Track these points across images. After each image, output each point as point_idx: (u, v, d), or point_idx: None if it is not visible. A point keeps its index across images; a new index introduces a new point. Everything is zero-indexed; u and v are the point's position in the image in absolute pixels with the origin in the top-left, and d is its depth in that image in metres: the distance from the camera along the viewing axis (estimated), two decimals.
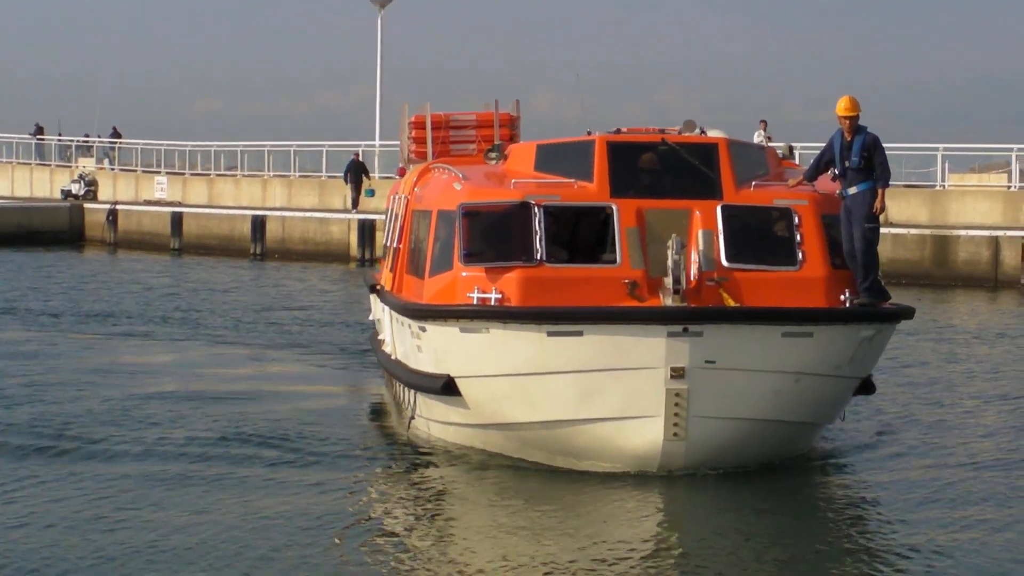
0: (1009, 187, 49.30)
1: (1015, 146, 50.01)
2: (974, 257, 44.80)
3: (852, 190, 16.97)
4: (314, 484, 16.49)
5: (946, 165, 50.45)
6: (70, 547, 13.75)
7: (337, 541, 14.19)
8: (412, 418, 19.46)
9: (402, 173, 23.96)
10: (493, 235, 17.19)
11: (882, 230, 17.32)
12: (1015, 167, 49.41)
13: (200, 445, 18.70)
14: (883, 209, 17.14)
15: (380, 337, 22.53)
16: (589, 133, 18.24)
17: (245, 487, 16.30)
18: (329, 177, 64.06)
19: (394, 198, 23.23)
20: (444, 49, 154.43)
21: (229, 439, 19.46)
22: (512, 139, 22.11)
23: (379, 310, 22.42)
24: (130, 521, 14.75)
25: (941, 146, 50.43)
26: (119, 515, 15.04)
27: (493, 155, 19.80)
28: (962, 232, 45.43)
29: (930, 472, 17.67)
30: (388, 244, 22.58)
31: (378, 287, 22.51)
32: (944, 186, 50.10)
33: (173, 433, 19.99)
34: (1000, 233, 45.59)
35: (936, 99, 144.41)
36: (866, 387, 17.55)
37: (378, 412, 22.28)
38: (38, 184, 76.68)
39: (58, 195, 73.21)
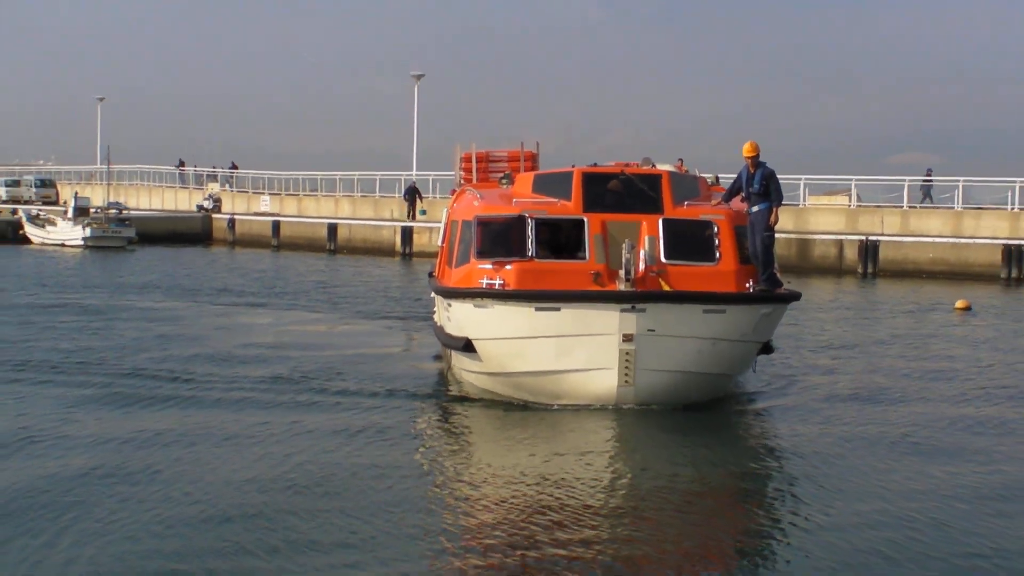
0: (849, 206, 53.28)
1: (854, 178, 53.81)
2: (826, 253, 48.70)
3: (755, 209, 17.84)
4: (378, 409, 17.45)
5: (806, 190, 54.04)
6: (193, 456, 14.12)
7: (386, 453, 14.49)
8: (450, 367, 20.36)
9: (453, 194, 24.13)
10: (498, 239, 17.88)
11: (770, 237, 17.91)
12: (853, 192, 52.94)
13: (289, 381, 19.53)
14: (776, 222, 17.97)
15: (433, 310, 23.02)
16: (573, 166, 18.95)
17: (331, 410, 17.19)
18: (381, 196, 70.54)
19: (444, 211, 23.35)
20: (463, 106, 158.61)
21: (314, 377, 20.01)
22: (533, 170, 22.22)
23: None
24: (226, 432, 15.47)
25: (804, 177, 53.48)
26: (223, 430, 15.66)
27: (504, 181, 20.93)
28: (818, 236, 49.79)
29: (818, 404, 18.43)
30: (439, 244, 22.83)
31: (432, 274, 22.90)
32: (805, 205, 53.62)
33: (272, 371, 20.62)
34: (843, 237, 50.23)
35: (801, 142, 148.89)
36: (767, 349, 18.58)
37: (432, 362, 22.60)
38: (180, 202, 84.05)
39: (194, 209, 78.02)
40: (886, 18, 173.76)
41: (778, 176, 18.15)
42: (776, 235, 18.23)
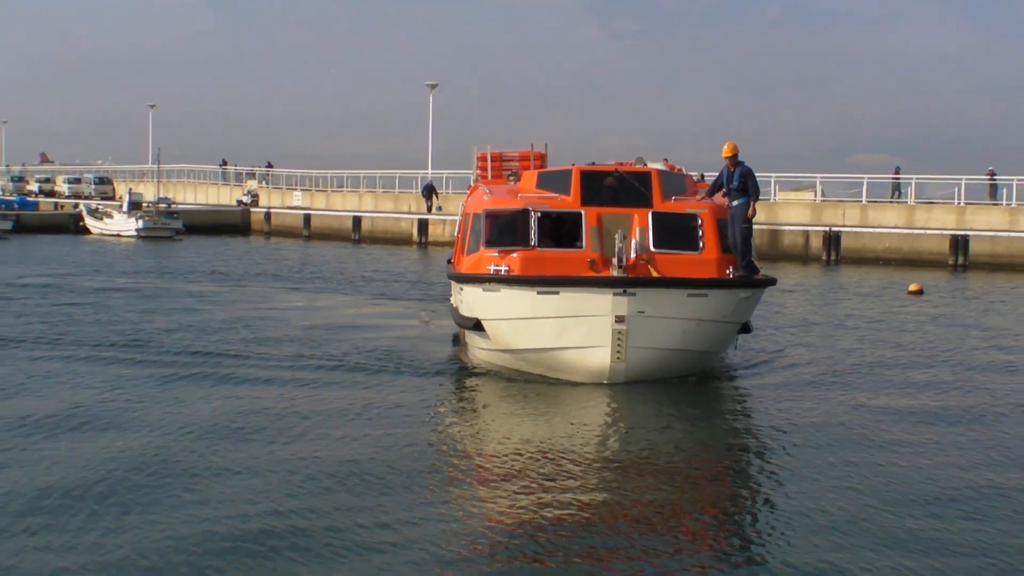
0: (815, 200, 53.30)
1: (818, 176, 54.03)
2: (794, 242, 48.62)
3: (734, 203, 17.75)
4: (401, 381, 17.36)
5: (776, 187, 54.05)
6: (232, 426, 13.96)
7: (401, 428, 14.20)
8: (464, 345, 20.24)
9: (470, 189, 24.01)
10: (505, 229, 17.72)
11: (748, 228, 17.89)
12: (818, 188, 52.92)
13: (319, 358, 19.20)
14: (754, 215, 17.90)
15: (450, 293, 22.76)
16: (577, 165, 18.72)
17: (355, 385, 16.92)
18: (400, 192, 70.69)
19: (460, 205, 23.14)
20: (473, 113, 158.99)
21: (343, 352, 19.92)
22: (542, 168, 21.39)
23: None
24: (258, 402, 15.34)
25: (774, 175, 53.26)
26: (256, 402, 15.50)
27: (512, 178, 20.95)
28: (786, 227, 49.80)
29: (793, 378, 18.34)
30: (455, 235, 22.72)
31: (449, 261, 22.58)
32: (775, 199, 53.51)
33: (304, 348, 20.49)
34: (809, 228, 50.46)
35: (771, 145, 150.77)
36: (746, 329, 18.41)
37: (449, 340, 22.24)
38: (222, 197, 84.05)
39: (235, 203, 78.05)
40: (843, 35, 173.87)
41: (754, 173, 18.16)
42: (753, 227, 18.17)
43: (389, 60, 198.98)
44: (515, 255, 17.13)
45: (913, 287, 34.58)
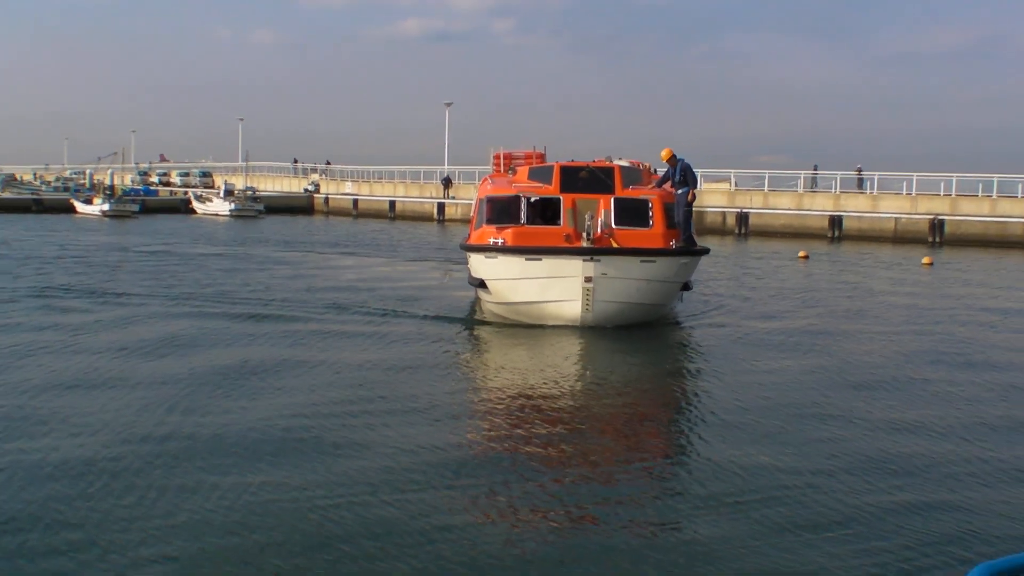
0: (730, 189, 52.37)
1: (732, 171, 53.12)
2: (714, 220, 47.63)
3: (679, 192, 17.37)
4: (422, 327, 16.63)
5: (701, 179, 52.55)
6: (283, 367, 13.17)
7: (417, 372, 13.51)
8: (476, 299, 19.44)
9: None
10: (502, 211, 17.33)
11: (688, 210, 17.38)
12: (732, 180, 52.02)
13: (356, 310, 18.32)
14: (694, 199, 17.48)
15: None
16: (558, 162, 18.36)
17: (384, 338, 15.44)
18: (424, 183, 69.58)
19: (475, 192, 21.99)
20: (479, 123, 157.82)
21: (384, 301, 19.42)
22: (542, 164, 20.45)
23: None
24: (291, 350, 14.12)
25: (700, 170, 50.52)
26: (312, 334, 15.11)
27: (510, 173, 20.09)
28: (709, 209, 49.25)
29: (723, 320, 18.12)
30: (471, 216, 21.31)
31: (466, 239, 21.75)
32: (701, 188, 51.57)
33: (358, 297, 20.07)
34: (725, 210, 49.46)
35: (697, 145, 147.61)
36: (687, 287, 17.99)
37: (465, 295, 21.03)
38: (293, 186, 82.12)
39: (302, 191, 76.73)
40: (752, 69, 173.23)
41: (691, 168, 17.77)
42: (693, 209, 17.75)
43: (417, 86, 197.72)
44: (509, 230, 16.78)
45: (802, 254, 34.36)
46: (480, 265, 17.17)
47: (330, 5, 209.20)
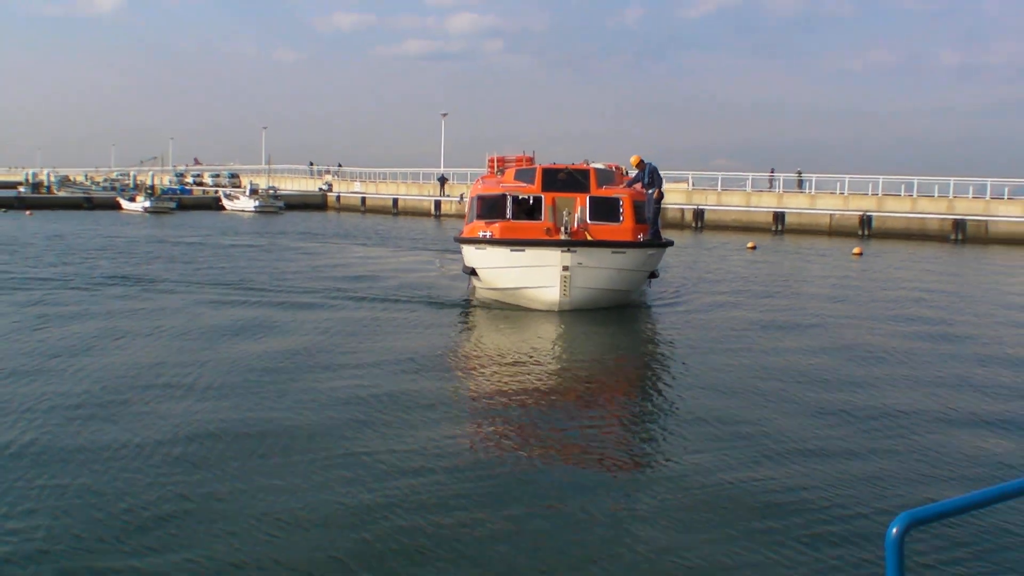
0: (688, 189, 51.56)
1: (690, 172, 52.36)
2: (675, 216, 46.84)
3: (649, 191, 17.03)
4: (421, 312, 15.94)
5: (663, 179, 52.53)
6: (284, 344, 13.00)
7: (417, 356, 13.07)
8: (470, 286, 18.95)
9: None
10: (490, 207, 16.92)
11: (656, 208, 17.04)
12: (690, 180, 51.25)
13: (359, 294, 17.77)
14: (662, 198, 17.24)
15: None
16: (540, 165, 17.96)
17: (390, 319, 15.02)
18: (423, 182, 67.59)
19: (467, 191, 21.52)
20: (473, 131, 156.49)
21: (384, 287, 19.02)
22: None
23: None
24: (290, 324, 14.03)
25: (662, 172, 51.68)
26: (336, 317, 14.67)
27: (499, 174, 19.62)
28: (670, 206, 46.74)
29: (685, 304, 17.53)
30: (465, 212, 20.93)
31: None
32: (664, 188, 52.35)
33: (354, 284, 19.50)
34: (684, 207, 48.34)
35: (661, 151, 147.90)
36: (654, 275, 17.45)
37: (461, 281, 20.62)
38: (309, 185, 79.66)
39: (317, 189, 74.57)
40: (708, 86, 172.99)
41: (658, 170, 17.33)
42: (661, 206, 17.36)
43: (417, 98, 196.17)
44: (496, 225, 16.38)
45: (750, 244, 34.15)
46: (472, 255, 16.75)
47: (343, 27, 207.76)
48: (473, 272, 16.88)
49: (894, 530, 1.86)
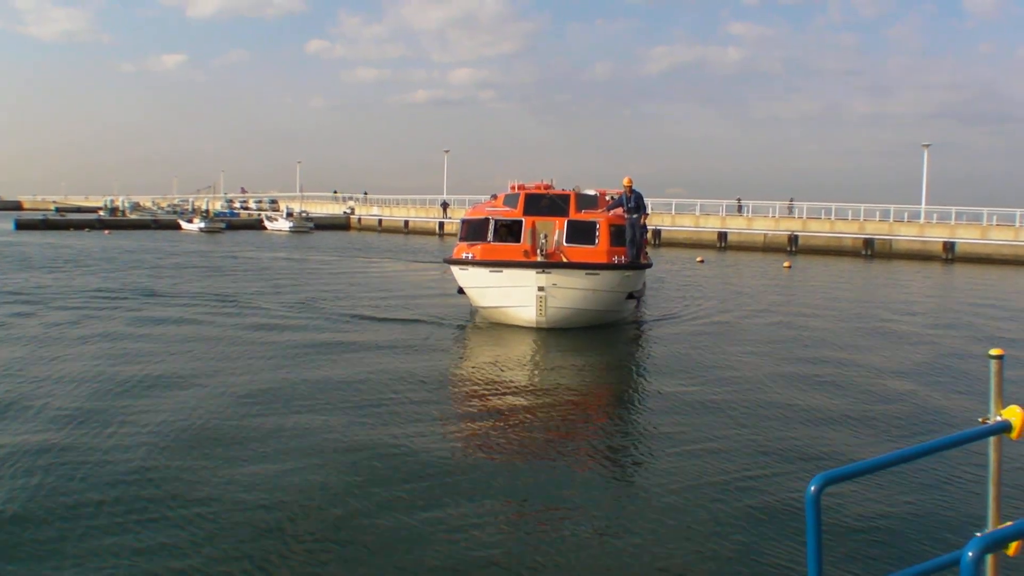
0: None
1: (649, 200, 49.86)
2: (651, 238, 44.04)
3: (633, 216, 15.27)
4: (416, 327, 14.35)
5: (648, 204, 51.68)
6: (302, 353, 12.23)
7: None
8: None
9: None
10: (474, 230, 15.35)
11: (642, 231, 15.37)
12: (649, 205, 47.91)
13: (365, 307, 16.47)
14: (646, 221, 15.73)
15: None
16: (525, 190, 16.24)
17: (392, 334, 13.53)
18: (430, 206, 66.26)
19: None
20: (471, 164, 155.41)
21: (390, 298, 18.19)
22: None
23: None
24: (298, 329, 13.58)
25: (649, 200, 50.61)
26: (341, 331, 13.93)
27: (492, 199, 17.74)
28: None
29: (678, 328, 14.88)
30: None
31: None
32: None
33: (369, 295, 18.88)
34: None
35: (643, 177, 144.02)
36: (633, 296, 15.56)
37: (455, 296, 18.27)
38: (335, 209, 77.39)
39: (342, 213, 72.71)
40: (663, 127, 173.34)
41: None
42: (645, 229, 15.64)
43: (424, 137, 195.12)
44: (478, 246, 14.95)
45: (699, 258, 34.12)
46: (458, 274, 15.38)
47: (365, 80, 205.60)
48: (460, 291, 15.47)
49: (812, 488, 1.90)
